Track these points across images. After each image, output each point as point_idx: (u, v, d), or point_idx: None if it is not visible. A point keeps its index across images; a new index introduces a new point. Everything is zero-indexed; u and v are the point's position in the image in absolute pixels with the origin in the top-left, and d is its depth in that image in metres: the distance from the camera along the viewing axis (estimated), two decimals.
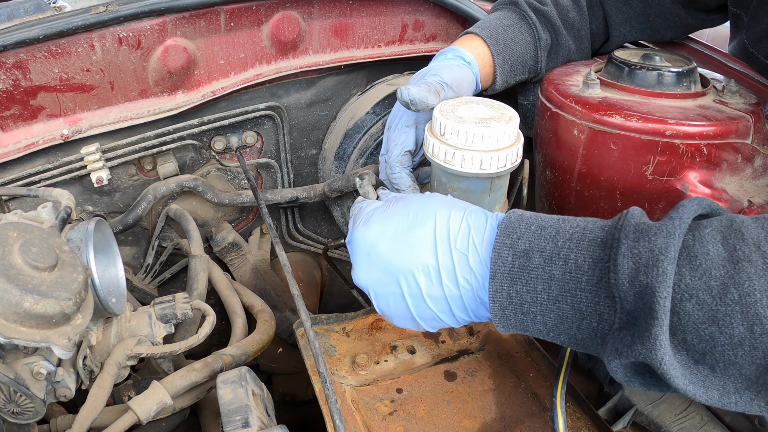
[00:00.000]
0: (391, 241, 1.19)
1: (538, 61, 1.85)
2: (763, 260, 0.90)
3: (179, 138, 1.95)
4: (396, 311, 1.21)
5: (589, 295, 1.00)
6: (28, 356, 1.17)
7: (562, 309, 1.03)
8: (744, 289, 0.89)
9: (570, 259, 1.02)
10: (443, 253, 1.14)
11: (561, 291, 1.02)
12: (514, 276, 1.06)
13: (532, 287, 1.04)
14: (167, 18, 1.76)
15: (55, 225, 1.32)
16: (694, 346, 0.93)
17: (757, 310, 0.87)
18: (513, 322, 1.09)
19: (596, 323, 1.01)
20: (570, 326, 1.04)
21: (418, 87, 1.46)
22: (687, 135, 1.42)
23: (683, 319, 0.92)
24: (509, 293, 1.06)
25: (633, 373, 1.00)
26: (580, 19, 1.90)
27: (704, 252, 0.93)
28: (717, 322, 0.90)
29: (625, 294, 0.95)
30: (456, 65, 1.66)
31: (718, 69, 1.88)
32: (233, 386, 1.30)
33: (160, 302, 1.54)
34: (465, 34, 1.80)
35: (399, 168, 1.56)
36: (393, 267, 1.17)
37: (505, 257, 1.07)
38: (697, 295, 0.91)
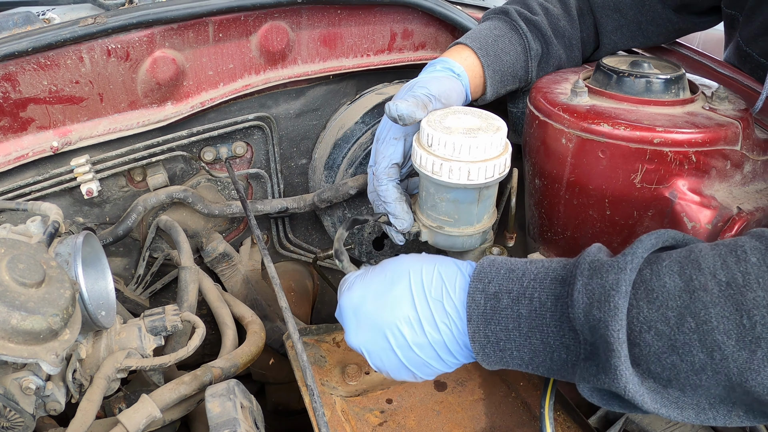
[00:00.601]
0: (373, 301, 1.28)
1: (528, 70, 1.85)
2: (718, 288, 0.94)
3: (169, 149, 1.95)
4: (389, 365, 1.28)
5: (555, 330, 1.08)
6: (16, 371, 1.17)
7: (533, 344, 1.11)
8: (700, 317, 0.94)
9: (534, 297, 1.11)
10: (420, 303, 1.23)
11: (530, 327, 1.11)
12: (488, 317, 1.14)
13: (504, 326, 1.13)
14: (155, 29, 1.76)
15: (43, 240, 1.32)
16: (658, 374, 0.98)
17: (714, 337, 0.92)
18: (494, 359, 1.17)
19: (565, 355, 1.09)
20: (544, 359, 1.12)
21: (405, 102, 1.46)
22: (675, 142, 1.42)
23: (644, 350, 0.98)
24: (485, 333, 1.15)
25: (609, 397, 1.06)
26: (570, 27, 1.90)
27: (661, 285, 0.99)
28: (677, 350, 0.95)
29: (582, 327, 1.02)
30: (444, 77, 1.66)
31: (708, 74, 1.87)
32: (221, 399, 1.30)
33: (150, 314, 1.54)
34: (455, 44, 1.80)
35: (386, 180, 1.56)
36: (378, 323, 1.26)
37: (479, 300, 1.16)
38: (656, 326, 0.97)
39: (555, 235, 1.70)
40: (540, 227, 1.75)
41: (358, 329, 1.29)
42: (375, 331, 1.26)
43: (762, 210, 1.48)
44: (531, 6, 1.88)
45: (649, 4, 1.92)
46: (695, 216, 1.44)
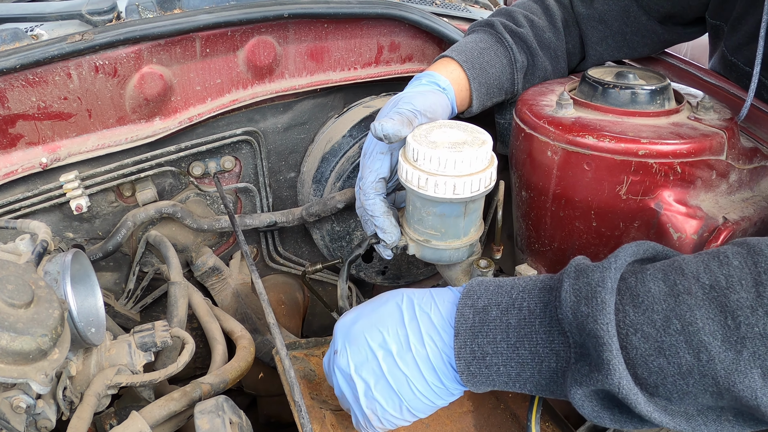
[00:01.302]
0: (364, 319, 1.29)
1: (514, 83, 1.86)
2: (702, 291, 0.96)
3: (157, 164, 1.95)
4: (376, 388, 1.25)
5: (544, 336, 1.09)
6: (7, 390, 1.17)
7: (521, 355, 1.11)
8: (686, 319, 0.96)
9: (524, 307, 1.12)
10: (409, 315, 1.24)
11: (518, 337, 1.11)
12: (475, 330, 1.15)
13: (491, 338, 1.13)
14: (143, 46, 1.76)
15: (32, 260, 1.33)
16: (645, 380, 0.99)
17: (700, 338, 0.94)
18: (479, 378, 1.16)
19: (554, 363, 1.09)
20: (532, 372, 1.11)
21: (390, 120, 1.47)
22: (660, 154, 1.43)
23: (631, 353, 0.99)
24: (472, 347, 1.15)
25: (600, 408, 1.05)
26: (556, 39, 1.91)
27: (646, 290, 1.01)
28: (664, 352, 0.97)
29: (570, 326, 1.04)
30: (430, 91, 1.67)
31: (694, 83, 1.88)
32: (210, 416, 1.30)
33: (139, 330, 1.54)
34: (441, 57, 1.81)
35: (373, 195, 1.57)
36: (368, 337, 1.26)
37: (467, 315, 1.17)
38: (642, 329, 0.99)
39: (542, 247, 1.70)
40: (527, 239, 1.75)
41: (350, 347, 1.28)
42: (364, 346, 1.26)
43: (748, 219, 1.49)
44: (516, 18, 1.89)
45: (634, 15, 1.93)
46: (681, 226, 1.45)
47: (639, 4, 1.92)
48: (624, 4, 1.93)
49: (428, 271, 2.37)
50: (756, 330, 0.91)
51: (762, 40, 1.61)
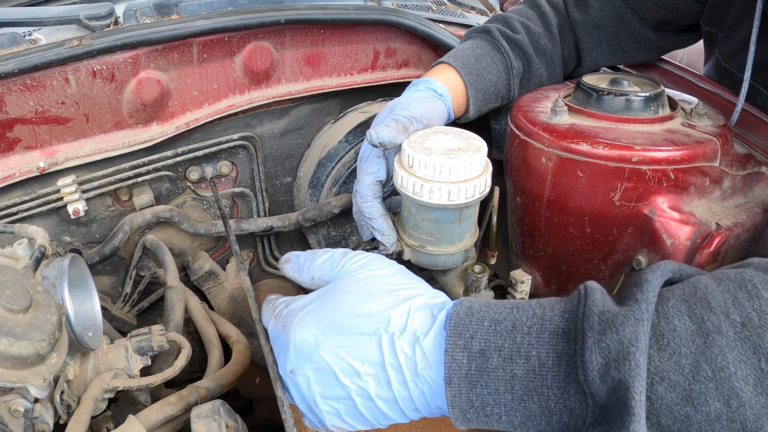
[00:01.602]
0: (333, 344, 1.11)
1: (510, 89, 1.87)
2: (733, 330, 0.88)
3: (154, 169, 1.96)
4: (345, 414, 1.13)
5: (558, 392, 0.94)
6: (5, 394, 1.18)
7: (528, 408, 0.97)
8: (717, 364, 0.87)
9: (532, 355, 0.96)
10: (390, 358, 1.07)
11: (526, 390, 0.96)
12: (473, 379, 0.99)
13: (493, 389, 0.98)
14: (140, 51, 1.77)
15: (30, 265, 1.34)
16: (669, 427, 0.90)
17: (732, 384, 0.85)
18: (476, 423, 1.02)
19: (567, 418, 0.96)
20: (539, 423, 0.98)
21: (386, 128, 1.47)
22: (653, 161, 1.43)
23: (656, 403, 0.89)
24: (469, 397, 1.00)
25: None
26: (551, 45, 1.92)
27: (671, 329, 0.91)
28: (692, 401, 0.87)
29: (597, 390, 0.90)
30: (426, 97, 1.68)
31: (689, 89, 1.89)
32: (206, 420, 1.31)
33: (136, 335, 1.55)
34: (438, 63, 1.82)
35: (371, 198, 1.58)
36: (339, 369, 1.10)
37: (460, 360, 1.00)
38: (669, 376, 0.89)
39: (537, 252, 1.71)
40: (522, 244, 1.76)
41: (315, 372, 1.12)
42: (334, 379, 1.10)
43: (741, 225, 1.50)
44: (512, 24, 1.90)
45: (628, 21, 1.95)
46: (674, 233, 1.45)
47: (633, 11, 1.94)
48: (618, 11, 1.95)
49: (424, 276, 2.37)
50: None
51: (753, 45, 1.62)
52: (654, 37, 1.98)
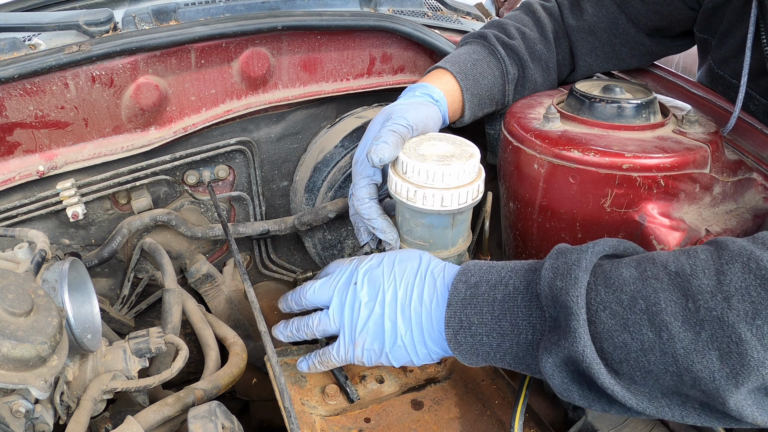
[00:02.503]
0: (385, 266, 1.41)
1: (505, 94, 1.88)
2: (668, 277, 1.03)
3: (152, 173, 1.97)
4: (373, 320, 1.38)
5: (524, 310, 1.18)
6: (7, 395, 1.19)
7: (502, 327, 1.20)
8: (650, 300, 1.03)
9: (509, 284, 1.22)
10: (422, 273, 1.36)
11: (502, 310, 1.20)
12: (465, 303, 1.25)
13: (478, 309, 1.23)
14: (139, 56, 1.79)
15: (31, 269, 1.36)
16: (611, 354, 1.06)
17: (662, 318, 1.00)
18: (464, 347, 1.26)
19: (531, 335, 1.18)
20: (511, 344, 1.20)
21: (386, 146, 1.48)
22: (644, 167, 1.45)
23: (599, 327, 1.07)
24: (460, 317, 1.25)
25: (570, 381, 1.11)
26: (547, 51, 1.94)
27: (618, 274, 1.09)
28: (628, 329, 1.03)
29: (546, 300, 1.13)
30: (422, 104, 1.70)
31: (682, 95, 1.90)
32: (203, 421, 1.32)
33: (134, 337, 1.57)
34: (435, 68, 1.84)
35: (368, 200, 1.59)
36: (385, 278, 1.38)
37: (460, 289, 1.27)
38: (610, 306, 1.06)
39: (529, 257, 1.72)
40: (515, 249, 1.78)
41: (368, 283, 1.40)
42: (377, 286, 1.38)
43: (731, 231, 1.51)
44: (508, 30, 1.92)
45: (622, 27, 1.96)
46: (664, 239, 1.47)
47: (628, 17, 1.95)
48: (613, 17, 1.96)
49: None
50: (714, 314, 0.97)
51: (749, 51, 1.64)
52: (648, 43, 1.99)
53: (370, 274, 1.41)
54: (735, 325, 0.95)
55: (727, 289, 0.97)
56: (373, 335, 1.37)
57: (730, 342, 0.95)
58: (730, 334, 0.95)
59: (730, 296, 0.96)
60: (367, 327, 1.37)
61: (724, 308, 0.96)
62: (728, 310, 0.96)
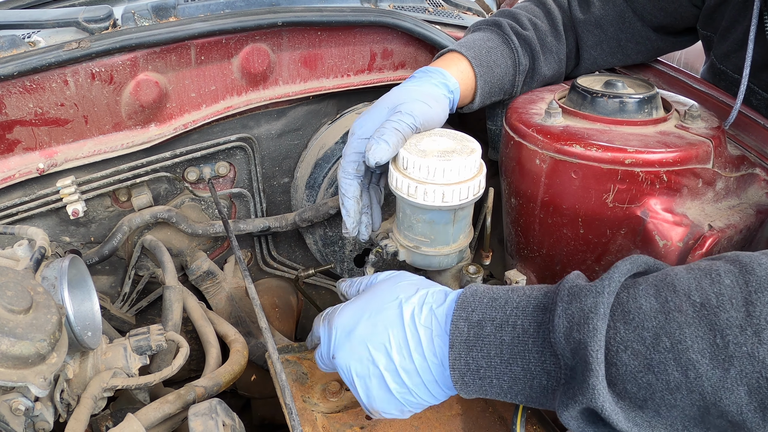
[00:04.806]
0: (366, 323, 1.28)
1: (515, 84, 1.88)
2: (693, 309, 0.97)
3: (153, 170, 1.97)
4: (377, 393, 1.27)
5: (537, 356, 1.10)
6: (6, 393, 1.19)
7: (513, 371, 1.12)
8: (675, 337, 0.96)
9: (518, 325, 1.12)
10: (410, 329, 1.23)
11: (512, 354, 1.12)
12: (470, 344, 1.15)
13: (485, 353, 1.14)
14: (138, 53, 1.79)
15: (30, 266, 1.35)
16: (634, 394, 1.00)
17: (689, 356, 0.95)
18: (472, 388, 1.18)
19: (545, 381, 1.10)
20: (523, 386, 1.13)
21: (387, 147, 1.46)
22: (646, 162, 1.44)
23: (621, 369, 1.00)
24: (467, 360, 1.16)
25: (586, 424, 1.06)
26: (557, 44, 1.94)
27: (637, 306, 1.02)
28: (652, 369, 0.97)
29: (563, 351, 1.05)
30: (434, 98, 1.66)
31: (685, 91, 1.90)
32: (204, 418, 1.32)
33: (135, 334, 1.56)
34: (450, 51, 1.82)
35: (353, 176, 1.58)
36: (370, 344, 1.26)
37: (462, 328, 1.17)
38: (632, 346, 0.99)
39: (531, 253, 1.72)
40: (517, 245, 1.77)
41: (350, 350, 1.28)
42: (365, 352, 1.26)
43: (734, 227, 1.51)
44: (521, 21, 1.91)
45: (629, 22, 1.96)
46: (667, 234, 1.46)
47: (634, 12, 1.95)
48: (620, 11, 1.96)
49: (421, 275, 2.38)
50: (744, 349, 0.92)
51: (752, 43, 1.63)
52: (654, 38, 1.99)
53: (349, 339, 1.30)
54: (765, 360, 0.91)
55: (757, 322, 0.92)
56: (387, 403, 1.28)
57: (760, 378, 0.91)
58: (760, 370, 0.91)
59: (760, 330, 0.92)
60: (377, 398, 1.28)
61: (754, 343, 0.91)
62: (759, 345, 0.91)
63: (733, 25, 1.83)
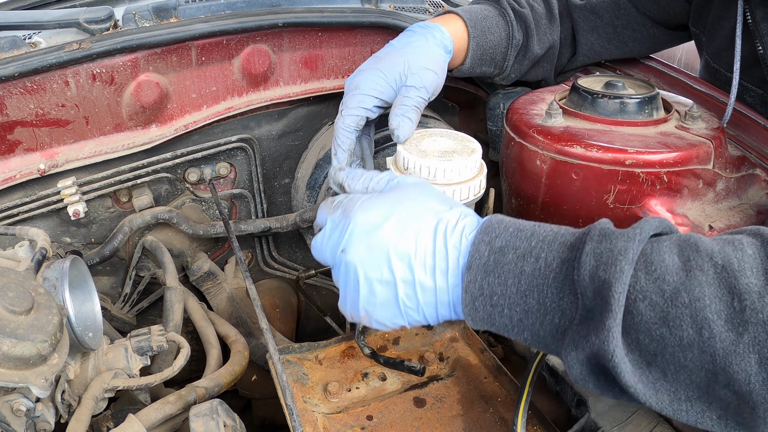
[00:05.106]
0: (394, 226, 1.20)
1: (506, 58, 1.90)
2: (714, 270, 0.96)
3: (153, 171, 1.98)
4: (381, 300, 1.21)
5: (555, 291, 1.06)
6: (7, 394, 1.19)
7: (528, 303, 1.09)
8: (694, 294, 0.95)
9: (541, 257, 1.08)
10: (441, 246, 1.17)
11: (529, 286, 1.08)
12: (488, 269, 1.11)
13: (503, 280, 1.09)
14: (139, 54, 1.79)
15: (31, 267, 1.35)
16: (646, 346, 0.99)
17: (705, 315, 0.94)
18: (481, 315, 1.13)
19: (558, 319, 1.07)
20: (534, 321, 1.10)
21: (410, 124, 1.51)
22: (647, 163, 1.45)
23: (636, 318, 0.99)
24: (481, 284, 1.11)
25: (588, 372, 1.05)
26: (551, 27, 1.97)
27: (660, 260, 1.00)
28: (667, 323, 0.96)
29: (585, 289, 1.02)
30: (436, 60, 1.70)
31: (685, 91, 1.90)
32: (205, 419, 1.32)
33: (136, 335, 1.57)
34: (446, 13, 1.85)
35: (353, 128, 1.59)
36: (393, 250, 1.18)
37: (482, 252, 1.12)
38: (650, 297, 0.98)
39: None
40: None
41: (367, 249, 1.20)
42: (383, 257, 1.19)
43: (734, 227, 1.50)
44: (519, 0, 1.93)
45: (624, 9, 2.00)
46: None
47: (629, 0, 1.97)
48: None
49: None
50: (760, 317, 0.91)
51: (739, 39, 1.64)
52: (650, 24, 2.01)
53: (371, 238, 1.21)
54: None
55: None
56: (385, 312, 1.22)
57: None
58: None
59: None
60: (378, 304, 1.22)
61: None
62: None
63: (719, 21, 1.84)
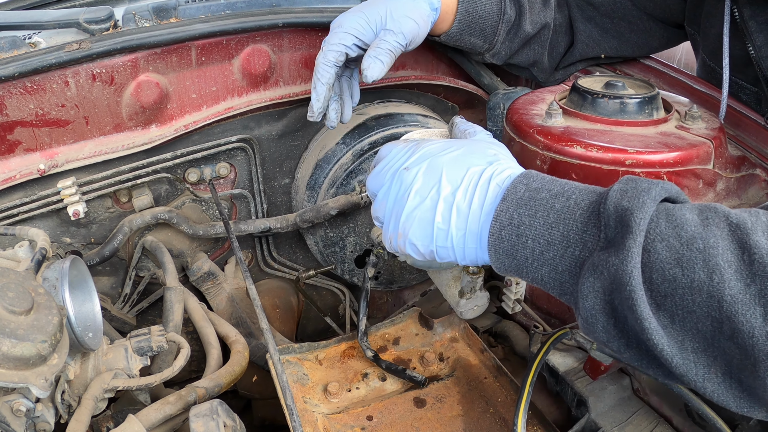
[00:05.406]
0: (454, 157, 1.29)
1: (496, 32, 1.93)
2: (728, 228, 1.00)
3: (153, 171, 1.97)
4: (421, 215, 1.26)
5: (580, 225, 1.11)
6: (7, 394, 1.19)
7: (552, 235, 1.14)
8: (709, 242, 0.99)
9: (572, 198, 1.15)
10: (485, 178, 1.24)
11: (557, 219, 1.14)
12: (522, 203, 1.17)
13: (532, 212, 1.15)
14: (139, 54, 1.79)
15: (31, 267, 1.35)
16: (658, 286, 1.02)
17: (717, 261, 0.97)
18: (506, 246, 1.19)
19: (579, 251, 1.12)
20: (555, 254, 1.14)
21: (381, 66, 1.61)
22: (647, 163, 1.45)
23: (653, 256, 1.02)
24: (512, 215, 1.17)
25: (601, 308, 1.08)
26: (544, 12, 2.01)
27: (681, 214, 1.04)
28: (681, 264, 0.99)
29: (607, 218, 1.07)
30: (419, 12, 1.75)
31: (684, 91, 1.90)
32: (205, 419, 1.32)
33: (136, 335, 1.57)
34: None
35: (332, 63, 1.68)
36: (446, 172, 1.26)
37: (519, 189, 1.19)
38: (668, 239, 1.02)
39: None
40: None
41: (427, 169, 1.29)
42: (435, 177, 1.27)
43: None
44: None
45: (620, 1, 2.03)
46: None
47: None
48: None
49: (420, 276, 2.38)
50: (767, 271, 0.94)
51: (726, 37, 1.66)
52: (646, 18, 2.02)
53: (431, 160, 1.30)
54: None
55: None
56: (420, 230, 1.28)
57: None
58: None
59: None
60: (417, 219, 1.28)
61: None
62: None
63: (709, 20, 1.85)
